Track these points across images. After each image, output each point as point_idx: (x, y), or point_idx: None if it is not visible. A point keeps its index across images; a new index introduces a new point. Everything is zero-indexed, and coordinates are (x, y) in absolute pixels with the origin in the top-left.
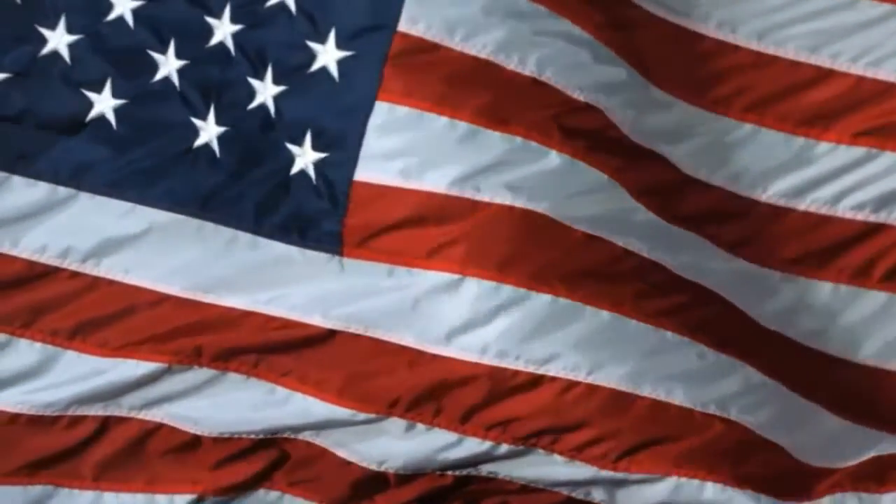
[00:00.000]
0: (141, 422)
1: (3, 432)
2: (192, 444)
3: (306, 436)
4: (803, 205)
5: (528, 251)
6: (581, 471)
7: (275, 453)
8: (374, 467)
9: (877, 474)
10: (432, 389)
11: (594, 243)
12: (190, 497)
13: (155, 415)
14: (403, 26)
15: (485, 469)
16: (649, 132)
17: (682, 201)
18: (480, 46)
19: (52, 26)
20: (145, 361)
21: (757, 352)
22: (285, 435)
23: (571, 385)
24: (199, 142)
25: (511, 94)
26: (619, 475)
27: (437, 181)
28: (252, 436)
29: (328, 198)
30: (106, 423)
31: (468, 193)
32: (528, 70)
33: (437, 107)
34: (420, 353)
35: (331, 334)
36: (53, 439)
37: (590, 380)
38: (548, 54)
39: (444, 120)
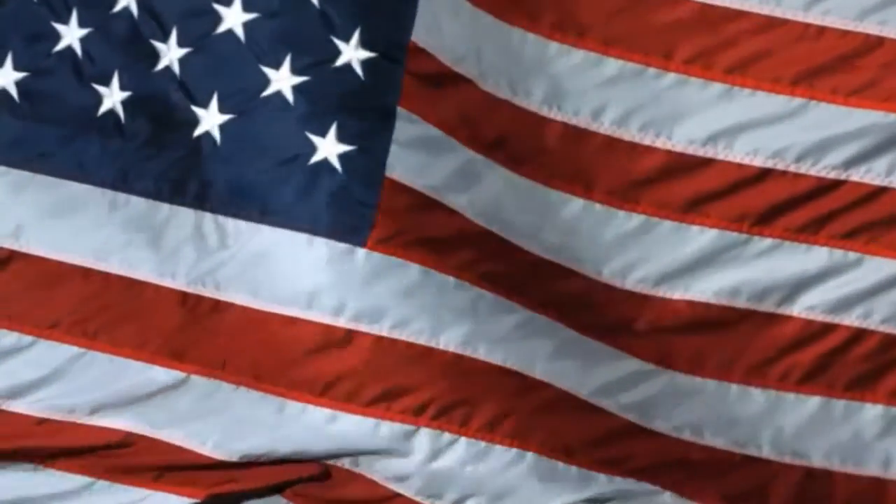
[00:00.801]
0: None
1: None
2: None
3: None
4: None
5: None
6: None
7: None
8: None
9: None
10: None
11: None
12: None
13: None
14: (416, 37)
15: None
16: None
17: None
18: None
19: (66, 21)
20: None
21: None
22: None
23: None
24: (199, 131)
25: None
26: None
27: None
28: None
29: (356, 191)
30: None
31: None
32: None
33: (449, 131)
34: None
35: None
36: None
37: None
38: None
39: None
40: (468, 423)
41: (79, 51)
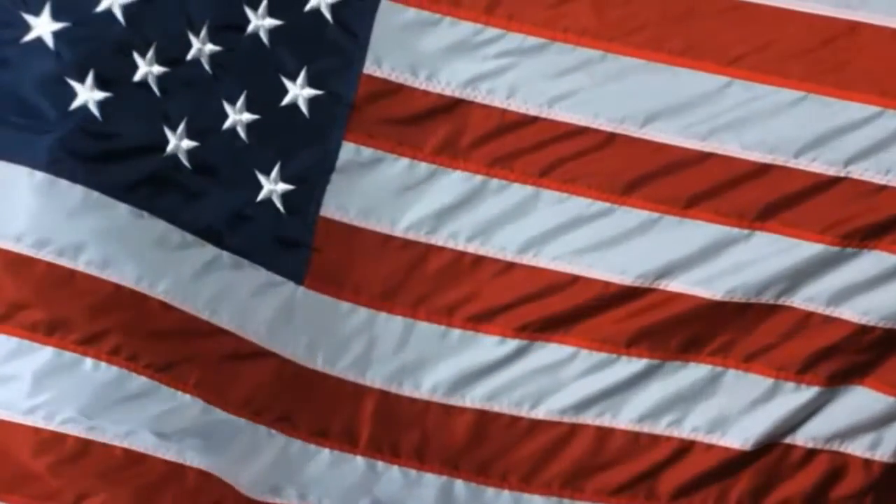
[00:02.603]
0: None
1: None
2: None
3: None
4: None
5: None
6: None
7: None
8: None
9: None
10: None
11: None
12: None
13: None
14: (368, 68)
15: None
16: None
17: None
18: (444, 84)
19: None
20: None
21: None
22: None
23: None
24: (168, 151)
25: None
26: None
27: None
28: None
29: (294, 229)
30: None
31: (422, 238)
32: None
33: (398, 147)
34: None
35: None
36: None
37: None
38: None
39: (404, 161)
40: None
41: (51, 44)
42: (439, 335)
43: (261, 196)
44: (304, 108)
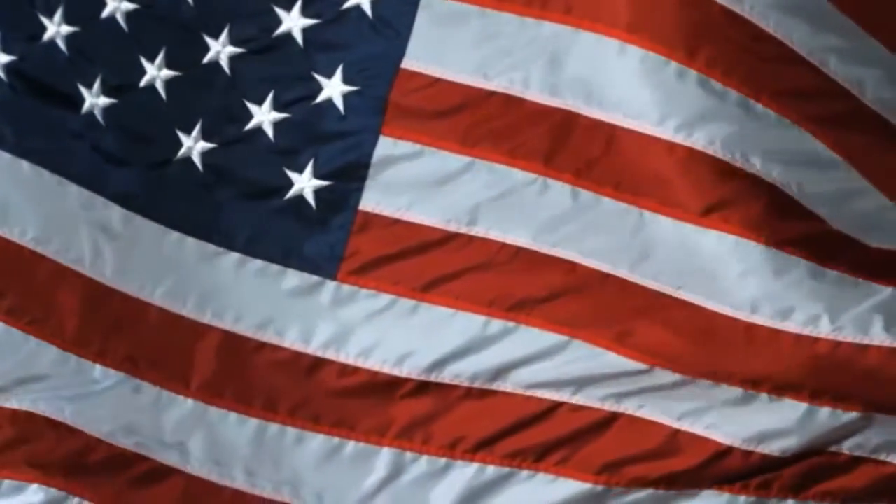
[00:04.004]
0: None
1: None
2: None
3: None
4: None
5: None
6: None
7: None
8: None
9: None
10: None
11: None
12: None
13: None
14: (407, 63)
15: None
16: None
17: None
18: (487, 79)
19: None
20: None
21: None
22: None
23: None
24: (180, 154)
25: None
26: None
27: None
28: None
29: (332, 225)
30: None
31: (464, 229)
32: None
33: (437, 141)
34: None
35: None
36: None
37: None
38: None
39: (444, 154)
40: None
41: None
42: (480, 325)
43: (290, 194)
44: (339, 105)
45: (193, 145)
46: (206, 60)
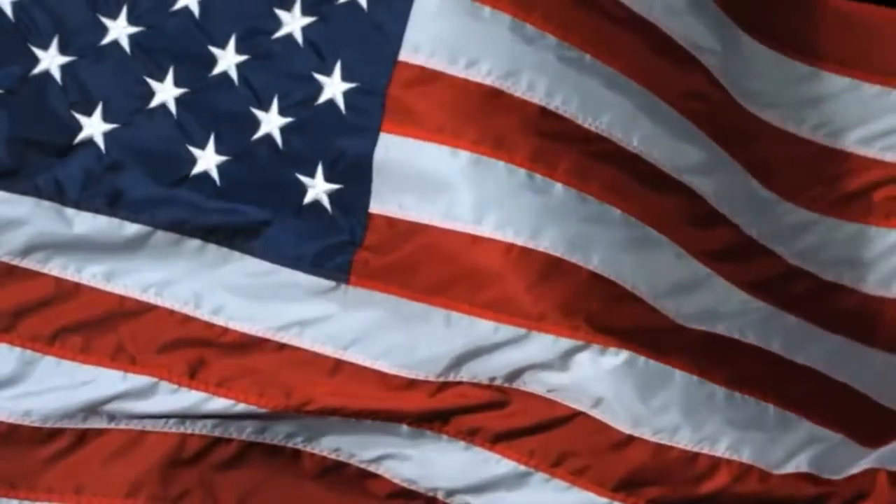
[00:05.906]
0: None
1: None
2: None
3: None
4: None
5: (533, 290)
6: None
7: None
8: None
9: None
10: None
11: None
12: None
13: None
14: (404, 55)
15: None
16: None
17: (709, 235)
18: (485, 73)
19: (45, 46)
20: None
21: (781, 386)
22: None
23: None
24: (196, 170)
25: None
26: None
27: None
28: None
29: (345, 228)
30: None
31: (469, 228)
32: (538, 98)
33: (436, 136)
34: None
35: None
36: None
37: None
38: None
39: (445, 149)
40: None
41: (58, 77)
42: (491, 330)
43: (307, 199)
44: (340, 104)
45: (209, 159)
46: (215, 72)
